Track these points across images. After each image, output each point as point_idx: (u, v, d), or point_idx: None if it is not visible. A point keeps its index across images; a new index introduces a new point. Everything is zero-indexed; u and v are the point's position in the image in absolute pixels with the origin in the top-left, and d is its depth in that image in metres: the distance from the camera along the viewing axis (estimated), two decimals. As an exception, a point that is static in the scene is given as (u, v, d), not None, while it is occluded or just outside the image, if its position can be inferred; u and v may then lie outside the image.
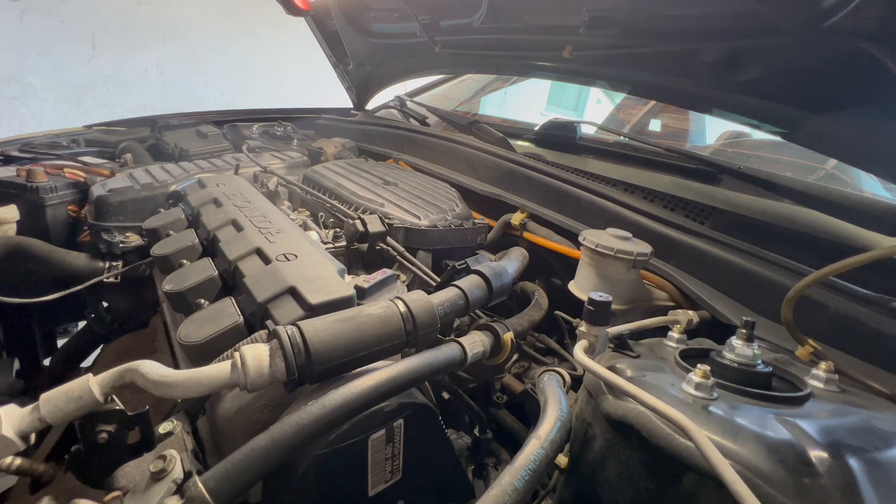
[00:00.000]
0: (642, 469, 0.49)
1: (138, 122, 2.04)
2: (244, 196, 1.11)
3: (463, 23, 1.64)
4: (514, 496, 0.49)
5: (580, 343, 0.67)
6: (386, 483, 0.63)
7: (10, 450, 0.46)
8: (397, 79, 2.23)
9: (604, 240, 0.88)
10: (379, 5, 1.87)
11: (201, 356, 0.65)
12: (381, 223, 0.99)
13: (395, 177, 1.36)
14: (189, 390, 0.51)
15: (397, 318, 0.63)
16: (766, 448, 0.43)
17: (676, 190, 1.17)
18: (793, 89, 1.01)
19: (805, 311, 0.71)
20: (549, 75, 1.69)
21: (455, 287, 0.76)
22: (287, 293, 0.70)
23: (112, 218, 1.22)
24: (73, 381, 0.50)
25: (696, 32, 1.10)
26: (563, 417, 0.60)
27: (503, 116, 2.31)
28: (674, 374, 0.56)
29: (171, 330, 0.96)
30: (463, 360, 0.68)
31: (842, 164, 1.38)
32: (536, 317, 0.95)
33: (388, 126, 1.87)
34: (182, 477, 0.47)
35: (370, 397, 0.55)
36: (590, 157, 1.59)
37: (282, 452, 0.48)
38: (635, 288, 0.91)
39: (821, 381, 0.59)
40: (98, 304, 1.34)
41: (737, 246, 0.91)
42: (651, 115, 2.00)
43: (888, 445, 0.47)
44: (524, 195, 1.26)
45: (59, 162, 1.52)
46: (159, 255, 0.91)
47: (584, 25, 1.26)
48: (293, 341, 0.55)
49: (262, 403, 0.63)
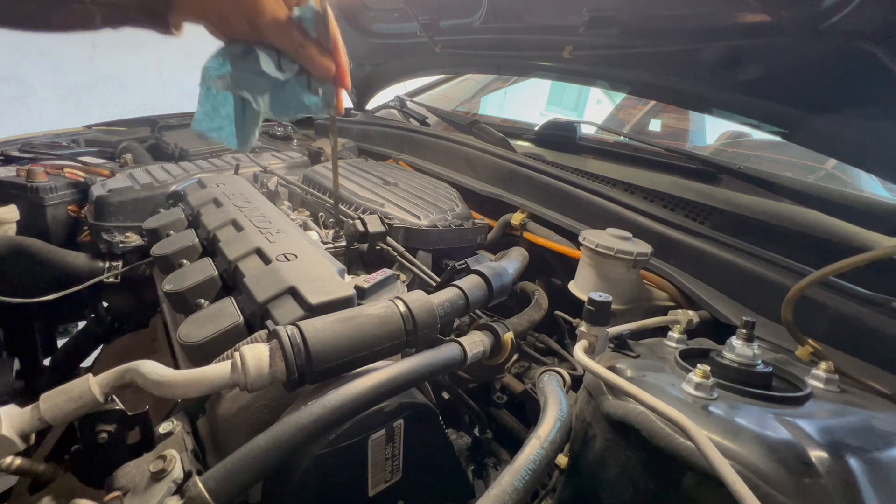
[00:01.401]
0: (642, 469, 0.49)
1: (138, 122, 2.04)
2: (244, 196, 1.11)
3: (463, 23, 1.64)
4: (514, 496, 0.49)
5: (580, 343, 0.67)
6: (386, 483, 0.63)
7: (10, 450, 0.46)
8: (397, 79, 2.23)
9: (604, 240, 0.88)
10: (379, 5, 1.87)
11: (201, 356, 0.65)
12: (381, 223, 0.99)
13: (395, 177, 1.36)
14: (189, 390, 0.51)
15: (397, 318, 0.63)
16: (766, 448, 0.43)
17: (676, 190, 1.17)
18: (793, 89, 1.01)
19: (805, 311, 0.71)
20: (549, 75, 1.69)
21: (455, 287, 0.76)
22: (287, 293, 0.70)
23: (112, 218, 1.22)
24: (73, 381, 0.50)
25: (696, 32, 1.10)
26: (563, 417, 0.60)
27: (503, 116, 2.31)
28: (674, 374, 0.56)
29: (171, 330, 0.96)
30: (463, 360, 0.68)
31: (842, 164, 1.38)
32: (536, 317, 0.95)
33: (388, 126, 1.87)
34: (182, 477, 0.47)
35: (370, 397, 0.55)
36: (590, 157, 1.59)
37: (282, 452, 0.48)
38: (635, 288, 0.91)
39: (821, 381, 0.59)
40: (98, 304, 1.34)
41: (737, 246, 0.91)
42: (651, 115, 2.00)
43: (888, 445, 0.47)
44: (524, 195, 1.26)
45: (59, 162, 1.52)
46: (159, 255, 0.91)
47: (584, 25, 1.26)
48: (293, 341, 0.55)
49: (262, 403, 0.63)
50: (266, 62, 0.66)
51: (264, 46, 0.66)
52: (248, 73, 0.66)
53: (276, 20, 0.63)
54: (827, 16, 0.86)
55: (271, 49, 0.67)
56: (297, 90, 0.71)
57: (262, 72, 0.66)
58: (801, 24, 0.89)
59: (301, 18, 0.65)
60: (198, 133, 0.70)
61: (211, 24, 0.66)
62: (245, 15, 0.63)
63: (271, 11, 0.63)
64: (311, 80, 0.71)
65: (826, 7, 0.85)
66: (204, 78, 0.67)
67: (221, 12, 0.64)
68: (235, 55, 0.66)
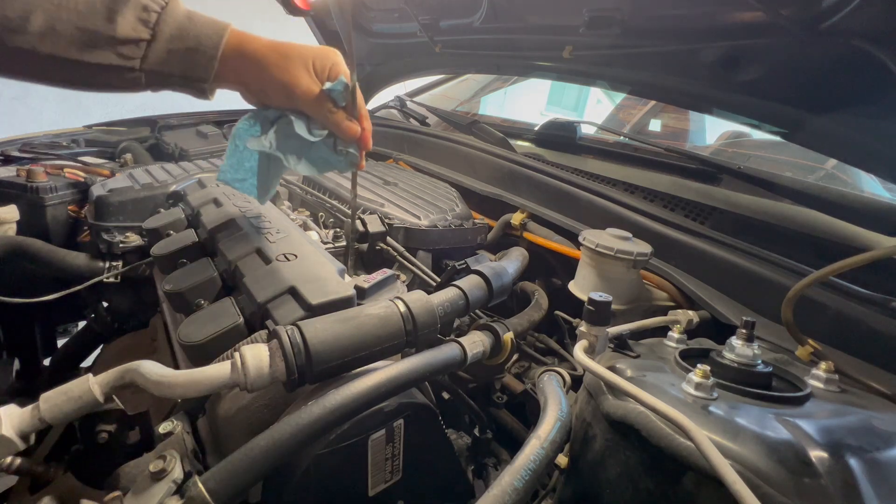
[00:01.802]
0: (642, 469, 0.49)
1: (138, 122, 2.04)
2: (244, 196, 1.11)
3: (463, 23, 1.64)
4: (514, 496, 0.49)
5: (580, 343, 0.67)
6: (386, 483, 0.63)
7: (10, 450, 0.46)
8: (397, 79, 2.23)
9: (604, 240, 0.88)
10: (379, 5, 1.87)
11: (201, 356, 0.65)
12: (381, 223, 0.99)
13: (395, 177, 1.36)
14: (189, 390, 0.51)
15: (397, 318, 0.63)
16: (766, 448, 0.43)
17: (676, 190, 1.17)
18: (793, 89, 1.01)
19: (805, 311, 0.71)
20: (549, 75, 1.69)
21: (455, 287, 0.76)
22: (287, 293, 0.70)
23: (112, 218, 1.22)
24: (73, 381, 0.50)
25: (696, 32, 1.10)
26: (563, 417, 0.60)
27: (503, 116, 2.31)
28: (674, 374, 0.56)
29: (171, 330, 0.96)
30: (463, 360, 0.68)
31: (842, 164, 1.39)
32: (536, 317, 0.95)
33: (388, 126, 1.87)
34: (182, 477, 0.47)
35: (370, 397, 0.55)
36: (590, 157, 1.59)
37: (282, 452, 0.48)
38: (635, 288, 0.92)
39: (821, 381, 0.59)
40: (98, 304, 1.33)
41: (737, 246, 0.91)
42: (651, 115, 2.00)
43: (888, 445, 0.47)
44: (524, 195, 1.26)
45: (59, 162, 1.52)
46: (159, 254, 0.91)
47: (584, 25, 1.26)
48: (293, 341, 0.55)
49: (262, 403, 0.63)
50: (300, 126, 0.73)
51: (296, 112, 0.73)
52: (280, 135, 0.74)
53: (311, 93, 0.70)
54: (827, 16, 0.86)
55: (302, 114, 0.74)
56: (324, 150, 0.78)
57: (295, 134, 0.73)
58: (801, 24, 0.89)
59: (332, 90, 0.71)
60: (223, 182, 0.78)
61: (248, 94, 0.73)
62: (282, 89, 0.70)
63: (306, 86, 0.70)
64: (336, 141, 0.78)
65: (826, 7, 0.85)
66: (235, 136, 0.74)
67: (260, 85, 0.70)
68: (268, 119, 0.74)
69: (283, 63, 0.69)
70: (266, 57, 0.69)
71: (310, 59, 0.71)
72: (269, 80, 0.70)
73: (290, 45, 0.71)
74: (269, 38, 0.70)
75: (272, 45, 0.70)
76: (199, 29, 0.65)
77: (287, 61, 0.69)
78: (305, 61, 0.70)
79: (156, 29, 0.62)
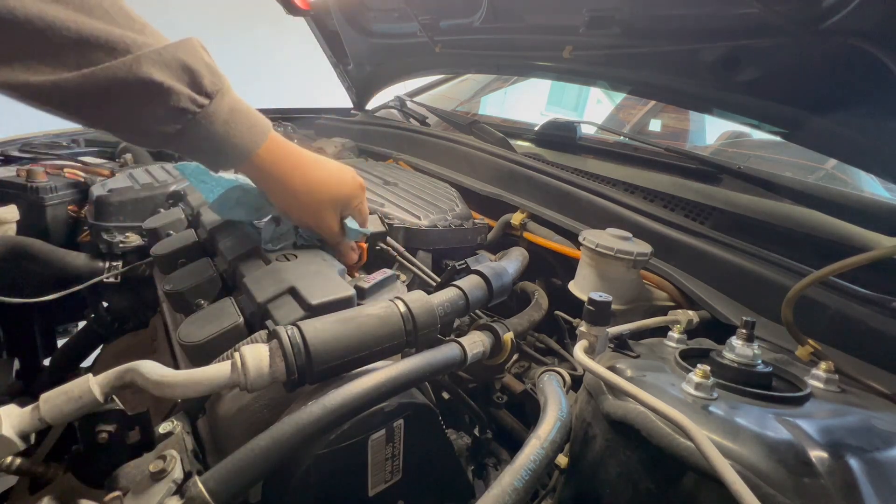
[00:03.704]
0: (642, 469, 0.49)
1: (138, 122, 2.03)
2: (244, 196, 1.10)
3: (463, 23, 1.64)
4: (514, 496, 0.49)
5: (580, 343, 0.67)
6: (386, 483, 0.63)
7: (10, 450, 0.46)
8: (397, 79, 2.23)
9: (604, 240, 0.88)
10: (379, 5, 1.87)
11: (201, 356, 0.65)
12: (382, 223, 0.99)
13: (395, 177, 1.36)
14: (189, 390, 0.51)
15: (397, 318, 0.63)
16: (766, 448, 0.43)
17: (676, 190, 1.17)
18: (793, 89, 1.01)
19: (805, 311, 0.71)
20: (549, 75, 1.69)
21: (455, 287, 0.76)
22: (287, 293, 0.70)
23: (112, 218, 1.22)
24: (73, 381, 0.49)
25: (696, 32, 1.10)
26: (563, 417, 0.60)
27: (503, 116, 2.31)
28: (674, 374, 0.56)
29: (171, 330, 0.96)
30: (463, 360, 0.68)
31: (842, 164, 1.39)
32: (536, 317, 0.94)
33: (388, 126, 1.87)
34: (182, 477, 0.47)
35: (370, 397, 0.55)
36: (590, 157, 1.59)
37: (282, 452, 0.48)
38: (635, 288, 0.92)
39: (821, 381, 0.59)
40: (98, 304, 1.33)
41: (737, 246, 0.91)
42: (651, 115, 2.01)
43: (888, 445, 0.47)
44: (524, 195, 1.26)
45: (59, 162, 1.52)
46: (159, 255, 0.91)
47: (584, 25, 1.26)
48: (293, 341, 0.55)
49: (262, 403, 0.63)
50: (309, 239, 0.85)
51: None
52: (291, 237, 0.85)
53: (332, 229, 0.80)
54: (827, 16, 0.86)
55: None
56: None
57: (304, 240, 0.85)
58: (801, 24, 0.89)
59: (349, 230, 0.82)
60: None
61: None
62: (309, 220, 0.79)
63: (329, 222, 0.80)
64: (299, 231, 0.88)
65: (826, 7, 0.86)
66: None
67: (289, 211, 0.79)
68: (283, 232, 0.84)
69: (312, 204, 0.77)
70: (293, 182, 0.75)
71: (339, 206, 0.80)
72: (299, 210, 0.78)
73: (322, 182, 0.77)
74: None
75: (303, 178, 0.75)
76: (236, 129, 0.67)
77: (318, 204, 0.78)
78: (335, 206, 0.79)
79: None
